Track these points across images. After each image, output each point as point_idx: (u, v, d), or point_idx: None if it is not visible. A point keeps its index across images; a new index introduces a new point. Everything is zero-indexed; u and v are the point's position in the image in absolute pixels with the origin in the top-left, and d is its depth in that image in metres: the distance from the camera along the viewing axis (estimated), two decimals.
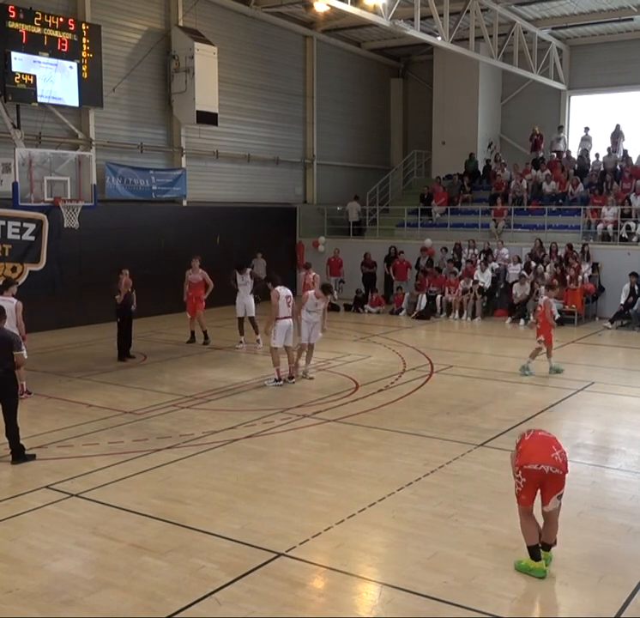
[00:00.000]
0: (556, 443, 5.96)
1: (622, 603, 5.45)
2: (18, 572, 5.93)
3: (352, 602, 5.58)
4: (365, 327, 18.88)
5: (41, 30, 16.74)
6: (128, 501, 7.37)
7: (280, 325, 12.36)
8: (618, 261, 19.69)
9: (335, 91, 26.88)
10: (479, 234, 22.59)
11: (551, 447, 5.87)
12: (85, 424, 10.10)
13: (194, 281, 16.09)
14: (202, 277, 16.08)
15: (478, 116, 27.19)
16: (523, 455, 5.88)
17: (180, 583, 5.74)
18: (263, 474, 8.20)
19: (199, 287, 16.10)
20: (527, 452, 5.87)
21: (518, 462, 5.91)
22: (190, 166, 21.45)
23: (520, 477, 5.87)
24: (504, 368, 13.77)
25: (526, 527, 5.96)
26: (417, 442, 9.29)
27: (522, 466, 5.85)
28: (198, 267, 16.09)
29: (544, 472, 5.76)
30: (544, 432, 6.18)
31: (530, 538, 5.92)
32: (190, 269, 16.15)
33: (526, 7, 23.52)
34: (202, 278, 16.08)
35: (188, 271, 16.17)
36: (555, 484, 5.83)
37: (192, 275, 16.08)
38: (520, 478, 5.87)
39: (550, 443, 5.93)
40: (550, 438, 6.04)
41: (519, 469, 5.87)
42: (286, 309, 12.43)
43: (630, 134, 25.06)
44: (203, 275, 16.09)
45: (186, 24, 20.45)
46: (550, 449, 5.86)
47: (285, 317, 12.41)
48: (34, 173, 14.78)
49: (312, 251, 24.85)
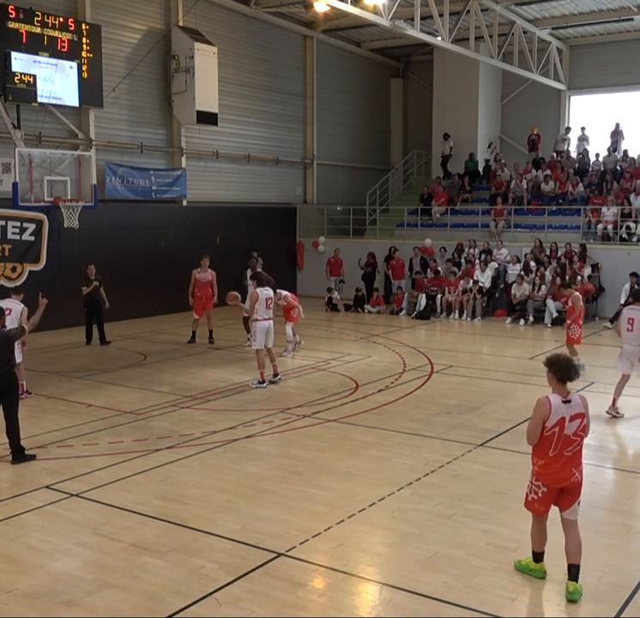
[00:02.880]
0: (577, 460, 5.67)
1: (622, 603, 5.45)
2: (18, 572, 5.93)
3: (352, 602, 5.58)
4: (365, 327, 18.88)
5: (41, 30, 16.75)
6: (128, 501, 7.37)
7: (259, 327, 12.35)
8: (618, 261, 19.69)
9: (335, 91, 26.89)
10: (479, 234, 22.59)
11: (571, 469, 5.62)
12: (85, 424, 10.10)
13: (203, 280, 15.96)
14: (212, 277, 16.00)
15: (478, 116, 27.19)
16: (543, 474, 5.64)
17: (180, 583, 5.74)
18: (263, 474, 8.20)
19: (208, 287, 15.99)
20: (549, 471, 5.61)
21: (538, 471, 5.66)
22: (190, 166, 21.46)
23: (540, 485, 5.67)
24: (504, 368, 13.78)
25: (537, 533, 5.84)
26: (417, 442, 9.29)
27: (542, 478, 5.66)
28: (207, 266, 16.02)
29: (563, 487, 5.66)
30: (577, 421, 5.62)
31: (537, 544, 5.83)
32: (198, 268, 16.02)
33: (526, 7, 23.52)
34: (212, 278, 16.01)
35: (196, 270, 16.03)
36: (573, 493, 5.68)
37: (201, 274, 15.96)
38: (539, 486, 5.68)
39: (572, 463, 5.63)
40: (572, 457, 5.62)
41: (538, 476, 5.68)
42: (265, 311, 12.41)
43: (630, 134, 25.07)
44: (213, 275, 16.01)
45: (186, 24, 20.46)
46: (571, 471, 5.62)
47: (264, 318, 12.40)
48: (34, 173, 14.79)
49: (312, 251, 24.87)
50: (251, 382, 12.44)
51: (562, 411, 5.54)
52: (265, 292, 12.47)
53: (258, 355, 12.41)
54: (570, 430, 5.56)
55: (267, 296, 12.48)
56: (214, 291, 16.04)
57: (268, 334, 12.46)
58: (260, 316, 12.32)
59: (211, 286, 16.01)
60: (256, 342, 12.44)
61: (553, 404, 5.54)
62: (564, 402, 5.58)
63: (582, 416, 5.61)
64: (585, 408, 5.66)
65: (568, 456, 5.60)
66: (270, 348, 12.65)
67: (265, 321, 12.40)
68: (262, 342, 12.40)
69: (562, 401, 5.57)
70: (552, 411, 5.52)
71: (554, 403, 5.55)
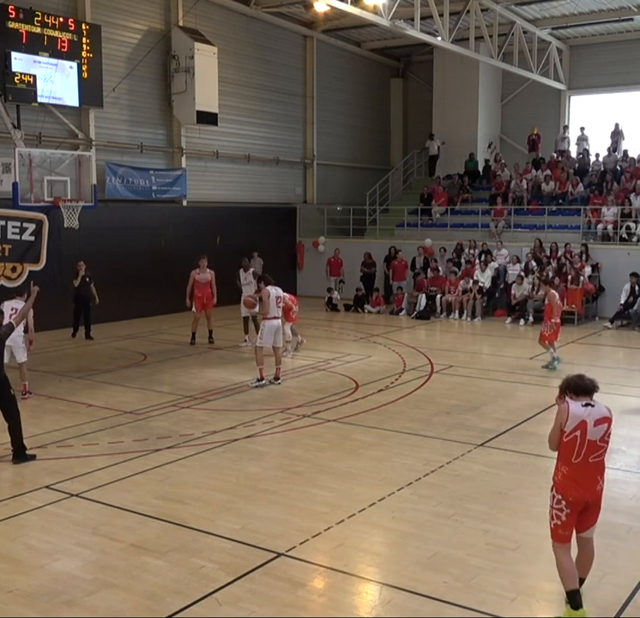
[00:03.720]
0: (603, 468, 5.37)
1: (622, 603, 5.45)
2: (18, 572, 5.93)
3: (352, 602, 5.58)
4: (365, 327, 18.88)
5: (41, 30, 16.75)
6: (128, 501, 7.37)
7: (268, 325, 12.34)
8: (618, 261, 19.70)
9: (335, 91, 26.89)
10: (479, 234, 22.59)
11: (596, 477, 5.32)
12: (85, 424, 10.10)
13: (203, 280, 15.91)
14: (211, 277, 15.96)
15: (478, 116, 27.20)
16: (567, 484, 5.27)
17: (180, 583, 5.74)
18: (263, 474, 8.20)
19: (207, 287, 15.96)
20: (573, 479, 5.26)
21: (561, 490, 5.28)
22: (190, 166, 21.46)
23: (562, 507, 5.26)
24: (504, 368, 13.78)
25: (566, 565, 5.25)
26: (417, 442, 9.29)
27: (566, 497, 5.26)
28: (206, 266, 16.00)
29: (587, 502, 5.32)
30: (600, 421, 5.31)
31: (570, 580, 5.21)
32: (197, 269, 15.97)
33: (526, 7, 23.53)
34: (211, 278, 15.97)
35: (194, 271, 15.96)
36: (595, 511, 5.39)
37: (201, 274, 15.92)
38: (562, 509, 5.27)
39: (598, 471, 5.33)
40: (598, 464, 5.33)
41: (561, 499, 5.27)
42: (275, 309, 12.42)
43: (631, 134, 25.07)
44: (212, 274, 15.97)
45: (186, 24, 20.46)
46: (595, 479, 5.32)
47: (274, 317, 12.39)
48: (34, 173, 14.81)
49: (312, 251, 24.87)
50: (251, 381, 12.44)
51: (582, 414, 5.23)
52: (274, 290, 12.49)
53: (258, 353, 12.40)
54: (596, 435, 5.24)
55: (277, 294, 12.49)
56: (213, 291, 16.02)
57: (276, 333, 12.47)
58: (270, 314, 12.32)
59: (210, 286, 15.99)
60: (262, 340, 12.39)
61: (571, 408, 5.27)
62: (584, 405, 5.28)
63: (607, 421, 5.29)
64: (610, 414, 5.34)
65: (594, 462, 5.28)
66: (278, 348, 12.64)
67: (275, 320, 12.40)
68: (269, 340, 12.38)
69: (582, 405, 5.28)
70: (570, 414, 5.23)
71: (572, 407, 5.27)
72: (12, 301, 11.00)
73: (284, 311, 14.47)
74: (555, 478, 5.37)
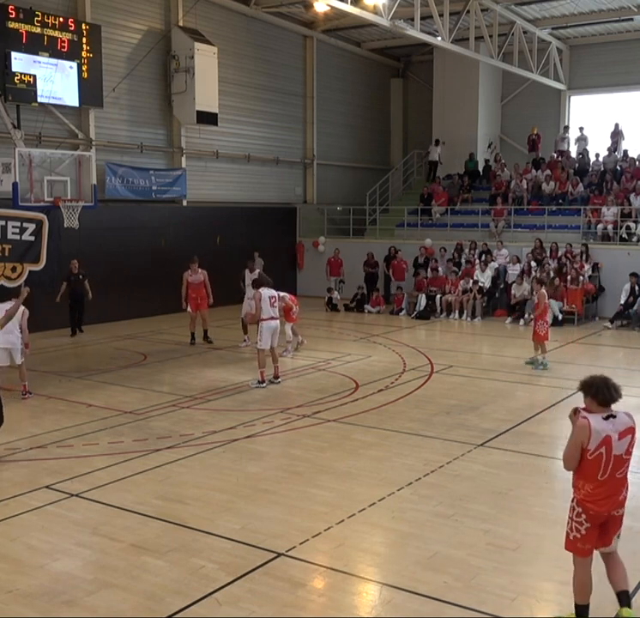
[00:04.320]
0: (626, 480, 5.05)
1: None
2: (18, 572, 5.93)
3: (352, 602, 5.57)
4: (365, 327, 18.88)
5: (41, 30, 16.75)
6: (128, 501, 7.37)
7: (265, 326, 12.31)
8: (618, 261, 19.69)
9: (335, 91, 26.89)
10: (479, 234, 22.59)
11: (621, 490, 5.02)
12: (85, 424, 10.10)
13: (196, 282, 15.91)
14: (204, 277, 15.98)
15: (478, 116, 27.20)
16: (593, 501, 4.96)
17: (180, 583, 5.74)
18: (263, 474, 8.20)
19: (201, 287, 15.96)
20: (599, 496, 4.95)
21: (583, 505, 4.98)
22: (190, 166, 21.46)
23: (583, 521, 4.99)
24: (503, 368, 13.77)
25: (582, 580, 5.07)
26: (417, 442, 9.29)
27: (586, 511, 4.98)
28: (197, 268, 16.03)
29: (609, 515, 5.05)
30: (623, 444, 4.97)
31: (582, 595, 5.07)
32: (188, 271, 15.98)
33: (526, 7, 23.53)
34: (204, 278, 15.99)
35: (187, 273, 15.96)
36: (617, 523, 5.12)
37: (193, 275, 15.96)
38: (582, 523, 4.99)
39: (623, 485, 5.03)
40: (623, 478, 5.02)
41: (582, 512, 5.00)
42: (270, 309, 12.38)
43: (631, 134, 25.07)
44: (204, 275, 15.99)
45: (186, 24, 20.46)
46: (620, 492, 5.02)
47: (270, 318, 12.37)
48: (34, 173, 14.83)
49: (312, 251, 24.87)
50: (251, 382, 12.44)
51: (605, 428, 4.86)
52: (267, 291, 12.48)
53: (260, 355, 12.40)
54: (621, 449, 4.90)
55: (269, 295, 12.48)
56: (208, 291, 16.01)
57: (273, 334, 12.46)
58: (266, 315, 12.30)
59: (204, 286, 15.99)
60: (261, 342, 12.36)
61: (593, 424, 4.84)
62: (605, 418, 4.89)
63: (631, 432, 4.95)
64: (633, 421, 5.00)
65: (620, 477, 4.97)
66: (274, 348, 12.65)
67: (272, 321, 12.37)
68: (268, 342, 12.37)
69: (603, 418, 4.89)
70: (593, 432, 4.83)
71: (594, 423, 4.85)
72: (6, 303, 10.91)
73: (284, 311, 14.47)
74: (576, 496, 5.05)
